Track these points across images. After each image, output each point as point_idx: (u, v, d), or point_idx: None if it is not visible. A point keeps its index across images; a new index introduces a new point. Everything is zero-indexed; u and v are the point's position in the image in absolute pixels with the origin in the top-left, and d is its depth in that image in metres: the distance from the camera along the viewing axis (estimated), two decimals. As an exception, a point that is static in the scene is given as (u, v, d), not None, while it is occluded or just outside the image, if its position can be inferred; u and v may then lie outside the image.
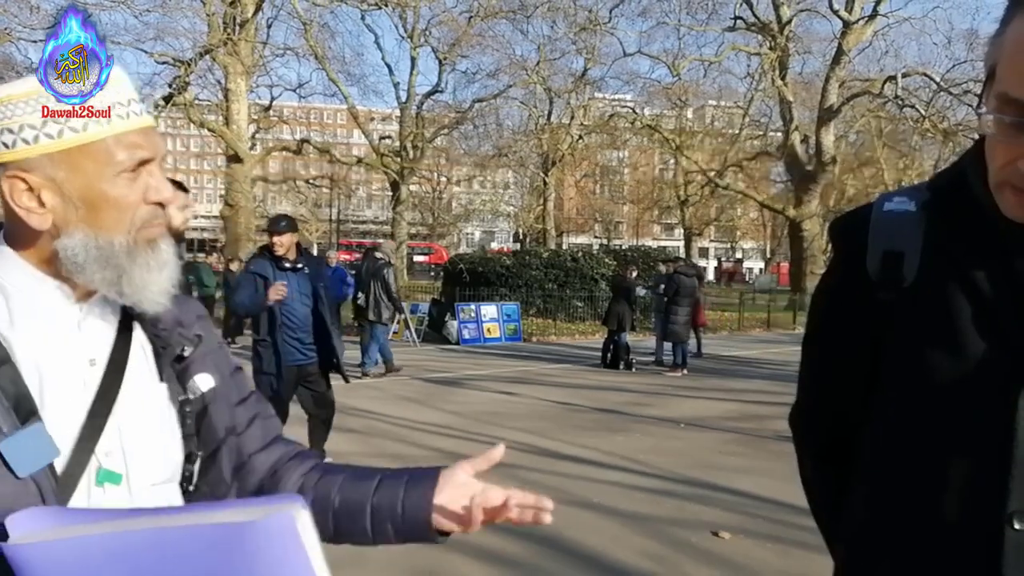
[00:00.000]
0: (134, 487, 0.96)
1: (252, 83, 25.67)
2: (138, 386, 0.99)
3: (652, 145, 38.69)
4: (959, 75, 24.68)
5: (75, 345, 0.96)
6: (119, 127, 0.93)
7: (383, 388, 9.74)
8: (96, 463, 0.93)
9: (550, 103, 33.32)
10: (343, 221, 51.19)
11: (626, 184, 55.59)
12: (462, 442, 6.66)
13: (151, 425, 1.00)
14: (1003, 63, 0.90)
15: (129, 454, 0.96)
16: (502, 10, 28.47)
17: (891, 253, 1.01)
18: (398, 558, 4.01)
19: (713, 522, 4.66)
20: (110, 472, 0.94)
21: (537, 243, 35.57)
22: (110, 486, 0.94)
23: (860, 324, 1.05)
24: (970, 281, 0.95)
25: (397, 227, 31.13)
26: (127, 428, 0.96)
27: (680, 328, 11.73)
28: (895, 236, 1.01)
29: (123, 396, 0.96)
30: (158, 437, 1.00)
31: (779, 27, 25.00)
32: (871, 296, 1.02)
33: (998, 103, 0.90)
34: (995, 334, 0.93)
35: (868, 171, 38.38)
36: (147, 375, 1.02)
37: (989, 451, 0.92)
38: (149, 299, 0.96)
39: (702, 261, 52.63)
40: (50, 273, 0.94)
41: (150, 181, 0.95)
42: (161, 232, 0.98)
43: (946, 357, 0.95)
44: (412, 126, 30.08)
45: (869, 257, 1.03)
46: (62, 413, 0.91)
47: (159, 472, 1.00)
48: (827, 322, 1.14)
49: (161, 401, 1.02)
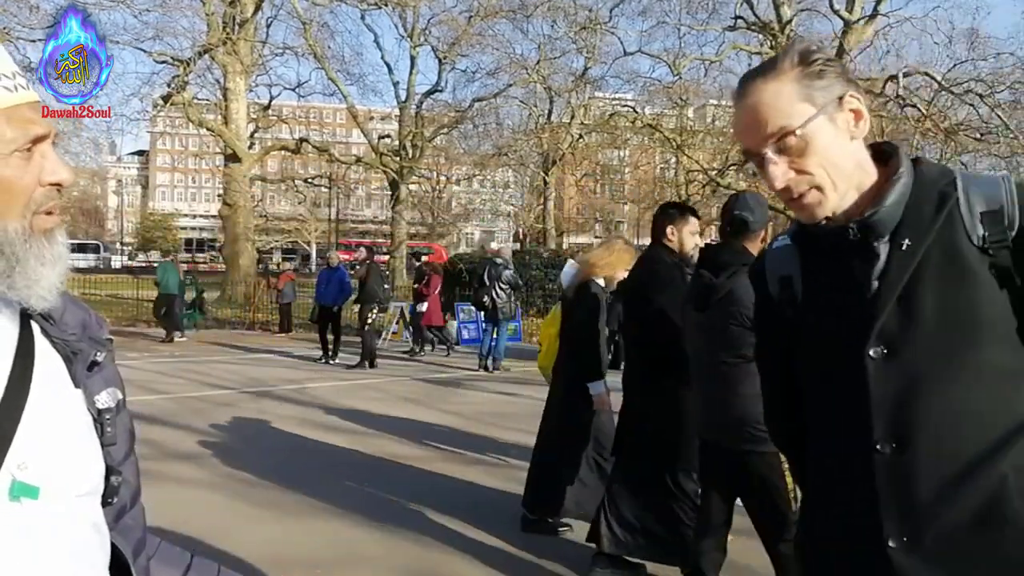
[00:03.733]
0: (54, 500, 0.87)
1: (251, 82, 25.68)
2: (49, 393, 0.90)
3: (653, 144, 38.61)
4: (960, 75, 24.65)
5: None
6: (7, 100, 0.84)
7: (383, 388, 9.73)
8: (9, 477, 0.84)
9: (550, 102, 33.30)
10: (342, 220, 51.15)
11: (627, 183, 55.53)
12: (462, 442, 6.64)
13: (68, 434, 0.91)
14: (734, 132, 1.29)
15: (46, 465, 0.87)
16: (502, 9, 28.44)
17: (784, 278, 1.34)
18: (397, 558, 4.00)
19: (715, 523, 4.64)
20: (25, 485, 0.85)
21: (537, 243, 35.55)
22: (27, 500, 0.85)
23: (777, 337, 1.39)
24: (821, 280, 1.28)
25: (396, 227, 31.13)
26: (40, 438, 0.87)
27: None
28: (783, 264, 1.35)
29: (33, 404, 0.87)
30: (77, 446, 0.92)
31: (780, 27, 24.96)
32: (779, 315, 1.36)
33: (745, 157, 1.30)
34: (843, 312, 1.23)
35: (868, 171, 38.35)
36: (59, 381, 0.93)
37: (857, 395, 1.20)
38: (38, 295, 0.87)
39: (702, 261, 52.49)
40: None
41: (44, 162, 0.87)
42: (57, 222, 0.89)
43: (820, 339, 1.28)
44: (411, 125, 30.06)
45: (770, 284, 1.37)
46: None
47: (81, 484, 0.92)
48: (759, 338, 1.55)
49: (77, 409, 0.94)
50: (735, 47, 27.50)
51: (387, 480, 5.42)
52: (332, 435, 6.82)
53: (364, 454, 6.20)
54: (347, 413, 7.84)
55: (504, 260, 12.05)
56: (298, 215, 49.16)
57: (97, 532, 0.94)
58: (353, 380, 10.34)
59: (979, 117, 23.91)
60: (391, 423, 7.40)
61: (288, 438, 6.74)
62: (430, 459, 6.06)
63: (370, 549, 4.13)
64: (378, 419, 7.58)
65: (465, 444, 6.57)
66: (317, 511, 4.71)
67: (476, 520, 4.55)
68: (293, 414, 7.75)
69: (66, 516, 0.89)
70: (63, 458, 0.90)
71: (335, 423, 7.37)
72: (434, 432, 7.03)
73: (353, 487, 5.23)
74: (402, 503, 4.89)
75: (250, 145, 27.01)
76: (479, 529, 4.42)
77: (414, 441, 6.65)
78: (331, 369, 11.39)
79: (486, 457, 6.16)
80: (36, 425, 0.88)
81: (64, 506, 0.89)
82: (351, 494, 5.06)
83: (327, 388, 9.56)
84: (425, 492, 5.10)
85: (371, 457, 6.10)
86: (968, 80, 23.45)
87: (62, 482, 0.89)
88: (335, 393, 9.11)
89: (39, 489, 0.86)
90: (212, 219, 51.15)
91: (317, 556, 3.99)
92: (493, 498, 5.05)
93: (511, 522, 4.46)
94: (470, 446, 6.51)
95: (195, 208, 72.50)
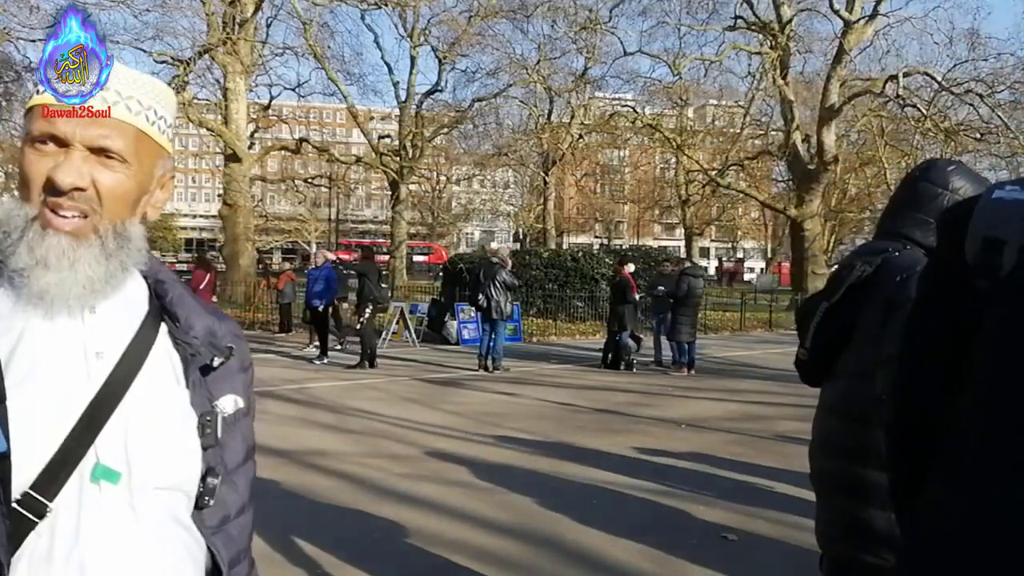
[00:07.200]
0: (135, 488, 0.92)
1: (251, 82, 25.66)
2: (154, 386, 0.96)
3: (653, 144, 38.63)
4: (960, 74, 24.65)
5: (78, 336, 0.93)
6: (47, 98, 0.91)
7: (383, 388, 9.73)
8: (94, 458, 0.89)
9: (550, 102, 33.32)
10: (342, 220, 51.15)
11: (627, 183, 55.57)
12: (462, 443, 6.64)
13: (163, 428, 0.95)
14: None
15: (132, 453, 0.92)
16: (502, 9, 28.46)
17: (993, 240, 0.94)
18: (397, 558, 4.00)
19: (714, 523, 4.65)
20: (108, 469, 0.90)
21: (537, 243, 35.56)
22: (107, 484, 0.90)
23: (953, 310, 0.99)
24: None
25: (396, 226, 31.12)
26: (134, 427, 0.92)
27: (689, 328, 11.74)
28: (997, 224, 0.94)
29: (134, 394, 0.93)
30: (169, 441, 0.96)
31: (780, 26, 24.95)
32: (968, 283, 0.96)
33: None
34: None
35: (870, 170, 38.32)
36: (168, 377, 0.99)
37: None
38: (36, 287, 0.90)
39: (703, 261, 52.57)
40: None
41: (56, 161, 0.91)
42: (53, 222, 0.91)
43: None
44: (411, 125, 30.05)
45: (969, 240, 0.97)
46: (54, 405, 0.88)
47: (164, 477, 0.95)
48: (923, 304, 1.09)
49: (180, 407, 0.98)
50: (735, 47, 27.48)
51: (387, 480, 5.42)
52: (332, 435, 6.82)
53: (364, 454, 6.20)
54: (347, 413, 7.84)
55: (501, 260, 12.01)
56: (298, 215, 49.14)
57: (178, 525, 0.97)
58: (353, 380, 10.34)
59: (979, 117, 23.92)
60: (391, 423, 7.40)
61: (288, 438, 6.74)
62: (430, 459, 6.06)
63: (369, 548, 4.13)
64: (378, 419, 7.58)
65: (465, 445, 6.57)
66: (316, 511, 4.71)
67: (476, 520, 4.55)
68: (293, 414, 7.74)
69: (143, 504, 0.93)
70: (151, 450, 0.94)
71: (335, 423, 7.37)
72: (434, 432, 7.03)
73: (353, 487, 5.23)
74: (401, 503, 4.88)
75: (250, 145, 27.01)
76: (479, 529, 4.42)
77: (414, 441, 6.65)
78: (331, 369, 11.38)
79: (486, 457, 6.15)
80: (132, 414, 0.92)
81: (143, 495, 0.93)
82: (350, 493, 5.06)
83: (327, 388, 9.56)
84: (424, 492, 5.10)
85: (371, 457, 6.09)
86: (968, 80, 23.45)
87: (145, 472, 0.93)
88: (335, 393, 9.11)
89: (120, 475, 0.91)
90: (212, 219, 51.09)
91: (317, 555, 3.99)
92: (493, 498, 5.05)
93: (511, 522, 4.46)
94: (470, 447, 6.51)
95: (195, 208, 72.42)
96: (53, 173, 0.90)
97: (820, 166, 24.29)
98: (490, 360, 11.41)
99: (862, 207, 42.56)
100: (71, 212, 0.91)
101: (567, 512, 4.77)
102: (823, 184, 26.09)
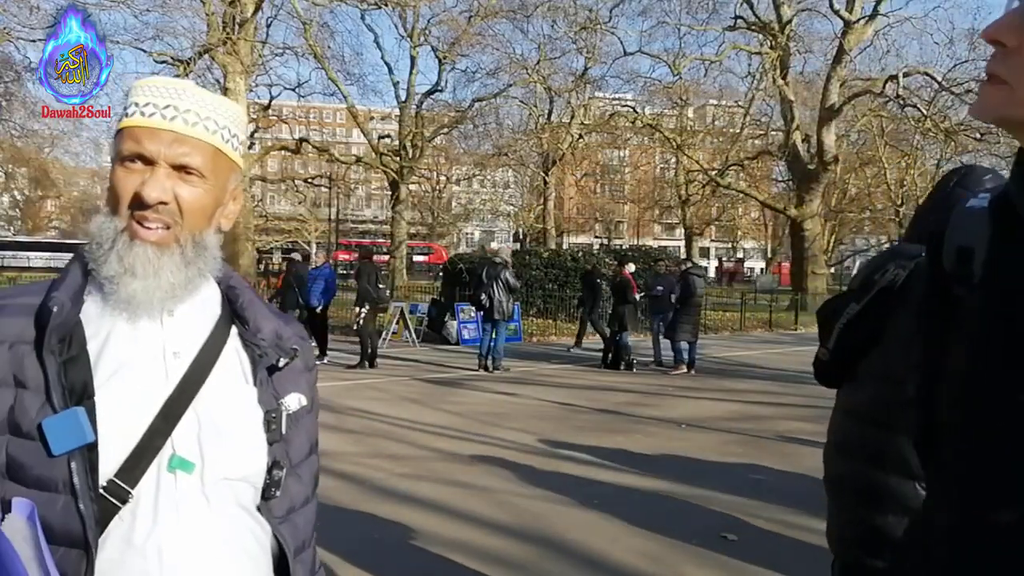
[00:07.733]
0: (207, 478, 0.99)
1: (251, 82, 25.62)
2: (225, 384, 1.03)
3: (653, 144, 38.68)
4: (960, 74, 24.65)
5: (158, 338, 1.01)
6: (135, 121, 1.00)
7: (383, 388, 9.73)
8: (170, 450, 0.97)
9: (550, 102, 33.28)
10: (342, 220, 51.16)
11: (627, 183, 55.55)
12: (462, 443, 6.64)
13: (234, 424, 1.03)
14: None
15: (205, 445, 0.99)
16: (502, 9, 28.42)
17: (964, 249, 0.97)
18: (397, 558, 4.00)
19: (714, 524, 4.64)
20: (183, 460, 0.97)
21: (537, 243, 35.55)
22: (182, 474, 0.97)
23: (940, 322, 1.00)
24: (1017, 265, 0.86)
25: (396, 226, 31.11)
26: (207, 421, 1.00)
27: (690, 328, 11.74)
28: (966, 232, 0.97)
29: (207, 391, 1.01)
30: (239, 436, 1.03)
31: (780, 26, 24.96)
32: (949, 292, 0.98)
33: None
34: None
35: (870, 170, 38.38)
36: (238, 376, 1.06)
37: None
38: (124, 293, 0.99)
39: (703, 261, 52.55)
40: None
41: (143, 178, 0.99)
42: (140, 233, 1.00)
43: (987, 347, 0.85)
44: (411, 125, 30.03)
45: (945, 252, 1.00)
46: (136, 400, 0.96)
47: (234, 468, 1.02)
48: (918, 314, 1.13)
49: (248, 403, 1.05)
50: (735, 47, 27.48)
51: (387, 480, 5.42)
52: (332, 435, 6.82)
53: (364, 454, 6.20)
54: (347, 413, 7.84)
55: (502, 260, 12.01)
56: (298, 215, 49.13)
57: (247, 514, 1.04)
58: (353, 380, 10.34)
59: (979, 117, 23.88)
60: (391, 423, 7.40)
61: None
62: (430, 459, 6.06)
63: (368, 548, 4.13)
64: (378, 419, 7.58)
65: (465, 445, 6.57)
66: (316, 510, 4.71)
67: (476, 520, 4.55)
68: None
69: (215, 493, 1.00)
70: (223, 444, 1.01)
71: (335, 423, 7.36)
72: (434, 432, 7.03)
73: (353, 487, 5.23)
74: (401, 503, 4.89)
75: (250, 145, 27.02)
76: (479, 529, 4.42)
77: (414, 441, 6.65)
78: (331, 369, 11.37)
79: (486, 457, 6.16)
80: (206, 410, 1.00)
81: (214, 485, 1.00)
82: (350, 493, 5.06)
83: (327, 388, 9.56)
84: (424, 492, 5.10)
85: (371, 457, 6.09)
86: (968, 80, 23.42)
87: (217, 464, 1.00)
88: (335, 393, 9.10)
89: (195, 465, 0.98)
90: (212, 219, 51.09)
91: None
92: (493, 498, 5.05)
93: (511, 522, 4.46)
94: (470, 447, 6.51)
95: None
96: (140, 189, 0.98)
97: (820, 166, 24.29)
98: (490, 360, 11.42)
99: (862, 207, 42.60)
100: (156, 224, 1.00)
101: (567, 512, 4.78)
102: (823, 184, 26.10)
